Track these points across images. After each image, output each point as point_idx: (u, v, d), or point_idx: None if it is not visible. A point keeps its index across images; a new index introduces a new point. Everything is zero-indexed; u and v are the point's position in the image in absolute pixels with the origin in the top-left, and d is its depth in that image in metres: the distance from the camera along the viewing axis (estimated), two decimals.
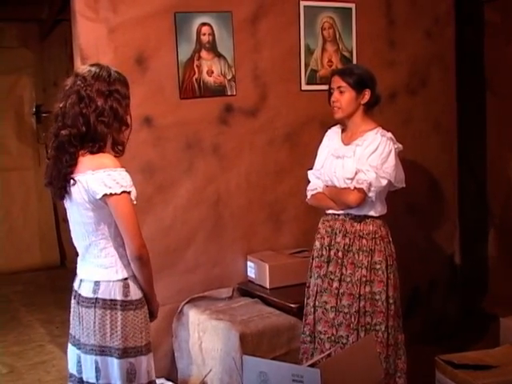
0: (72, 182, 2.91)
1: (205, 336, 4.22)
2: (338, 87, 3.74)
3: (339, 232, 3.79)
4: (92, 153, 2.90)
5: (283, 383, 2.79)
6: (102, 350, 2.98)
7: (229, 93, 4.61)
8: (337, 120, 3.87)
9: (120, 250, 2.99)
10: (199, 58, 4.49)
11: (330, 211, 3.85)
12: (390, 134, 3.76)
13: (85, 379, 3.07)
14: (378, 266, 3.72)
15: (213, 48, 4.53)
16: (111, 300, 2.96)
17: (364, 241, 3.72)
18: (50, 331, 5.97)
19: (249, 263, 4.67)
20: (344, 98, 3.72)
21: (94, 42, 4.21)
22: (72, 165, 2.90)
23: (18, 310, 6.62)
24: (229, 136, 4.63)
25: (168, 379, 4.36)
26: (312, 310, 3.84)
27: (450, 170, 5.51)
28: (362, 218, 3.75)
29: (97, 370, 3.00)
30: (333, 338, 3.72)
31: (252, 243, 4.73)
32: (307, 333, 3.85)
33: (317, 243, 3.90)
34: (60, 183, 2.95)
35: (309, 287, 3.92)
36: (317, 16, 4.88)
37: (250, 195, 4.73)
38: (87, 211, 2.92)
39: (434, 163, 5.38)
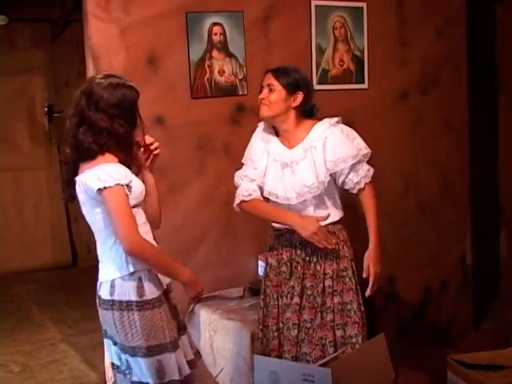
0: (76, 185, 2.96)
1: (216, 336, 4.22)
2: (269, 85, 3.54)
3: (299, 244, 3.57)
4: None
5: (294, 383, 2.79)
6: (127, 350, 3.02)
7: (240, 92, 4.61)
8: (264, 120, 3.67)
9: None
10: (210, 57, 4.49)
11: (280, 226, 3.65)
12: (335, 119, 3.59)
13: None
14: (344, 274, 3.54)
15: (224, 48, 4.53)
16: (127, 301, 2.97)
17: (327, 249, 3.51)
18: (62, 330, 5.99)
19: (260, 262, 4.66)
20: (273, 96, 3.52)
21: (105, 42, 4.22)
22: (74, 174, 2.97)
23: (30, 309, 6.64)
24: (240, 136, 4.61)
25: None
26: (276, 334, 3.60)
27: (462, 170, 5.48)
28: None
29: (128, 367, 3.04)
30: (297, 355, 3.48)
31: (263, 243, 4.68)
32: None
33: (272, 261, 3.70)
34: (68, 191, 3.04)
35: (263, 311, 3.69)
36: (328, 15, 4.86)
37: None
38: (93, 208, 2.95)
39: (445, 163, 5.36)
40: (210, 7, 4.48)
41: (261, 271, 4.64)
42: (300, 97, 3.55)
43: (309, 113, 3.64)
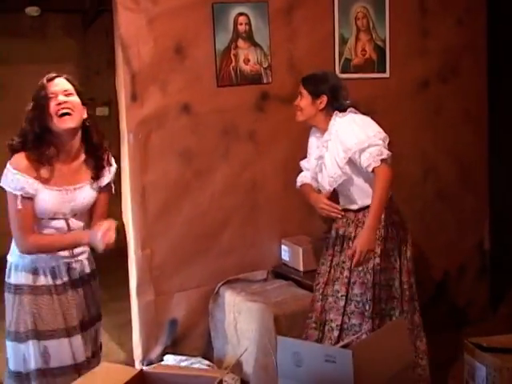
0: None
1: (240, 317, 4.22)
2: (299, 92, 3.82)
3: (352, 223, 3.76)
4: None
5: (316, 363, 2.77)
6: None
7: (265, 81, 4.58)
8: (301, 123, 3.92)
9: None
10: (236, 47, 4.47)
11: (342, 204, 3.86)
12: (348, 110, 3.75)
13: None
14: (390, 253, 3.69)
15: (249, 37, 4.50)
16: (4, 281, 3.20)
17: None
18: None
19: (283, 247, 4.66)
20: (302, 102, 3.79)
21: (134, 32, 4.20)
22: None
23: None
24: (265, 123, 4.61)
25: (204, 358, 4.37)
26: (320, 297, 3.81)
27: (481, 158, 5.44)
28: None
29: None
30: (345, 326, 3.68)
31: (286, 227, 4.71)
32: (313, 319, 3.81)
33: (333, 232, 3.87)
34: None
35: (319, 274, 3.89)
36: (351, 6, 4.82)
37: (285, 181, 4.68)
38: None
39: (464, 151, 5.31)
40: None
41: (284, 255, 4.64)
42: (324, 99, 3.74)
43: (341, 109, 3.77)
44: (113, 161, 3.33)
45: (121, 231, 3.23)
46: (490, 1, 5.31)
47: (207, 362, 4.30)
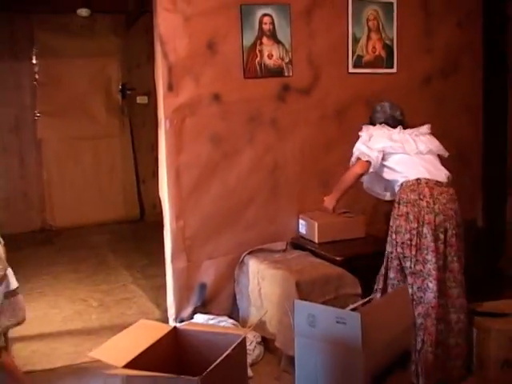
0: None
1: (263, 282, 4.20)
2: None
3: None
4: None
5: (328, 324, 2.76)
6: None
7: (286, 74, 4.54)
8: None
9: None
10: (261, 43, 4.44)
11: None
12: (363, 127, 3.94)
13: None
14: (399, 230, 3.67)
15: (273, 35, 4.46)
16: None
17: None
18: (132, 274, 6.04)
19: (300, 221, 4.63)
20: None
21: (171, 30, 4.18)
22: None
23: (106, 256, 6.70)
24: (285, 111, 4.58)
25: (230, 317, 4.37)
26: None
27: (476, 144, 5.39)
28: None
29: None
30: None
31: (304, 204, 4.68)
32: None
33: None
34: None
35: None
36: (363, 9, 4.77)
37: (303, 163, 4.68)
38: None
39: (462, 139, 5.24)
40: (261, 0, 4.41)
41: (301, 229, 4.62)
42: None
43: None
44: None
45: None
46: (486, 7, 5.23)
47: (232, 321, 4.30)
